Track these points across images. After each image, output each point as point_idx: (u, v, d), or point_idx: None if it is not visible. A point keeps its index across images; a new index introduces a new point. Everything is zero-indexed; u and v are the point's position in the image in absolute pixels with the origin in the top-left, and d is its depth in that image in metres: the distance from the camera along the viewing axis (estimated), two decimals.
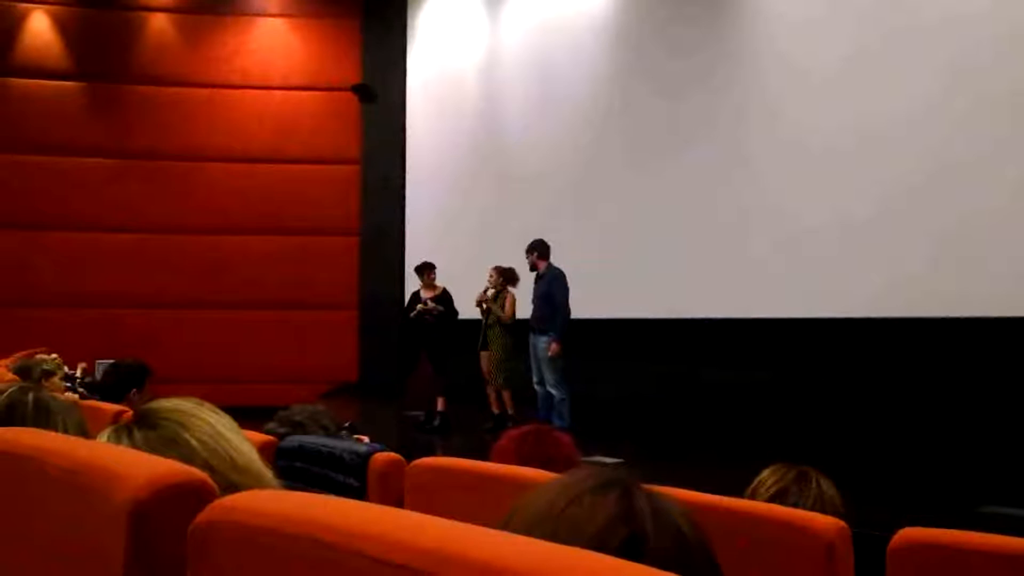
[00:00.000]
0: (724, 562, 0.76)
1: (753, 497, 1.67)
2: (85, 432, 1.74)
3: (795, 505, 1.62)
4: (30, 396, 1.81)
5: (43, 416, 1.75)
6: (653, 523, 0.70)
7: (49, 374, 4.05)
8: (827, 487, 1.71)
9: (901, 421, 6.12)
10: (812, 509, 1.59)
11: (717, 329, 7.60)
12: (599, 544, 0.66)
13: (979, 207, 5.96)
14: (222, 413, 1.13)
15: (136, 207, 11.12)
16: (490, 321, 7.68)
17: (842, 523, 1.35)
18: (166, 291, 11.12)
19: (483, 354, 7.78)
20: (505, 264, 7.78)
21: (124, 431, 1.09)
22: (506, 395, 7.63)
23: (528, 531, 0.69)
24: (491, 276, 7.69)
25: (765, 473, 1.75)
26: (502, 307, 7.61)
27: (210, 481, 0.77)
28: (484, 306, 7.70)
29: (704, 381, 7.54)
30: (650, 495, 0.72)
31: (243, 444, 1.10)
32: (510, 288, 7.69)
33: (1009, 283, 5.81)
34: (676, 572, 0.56)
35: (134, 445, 1.05)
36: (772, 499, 1.66)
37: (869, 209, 6.57)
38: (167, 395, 1.22)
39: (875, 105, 6.59)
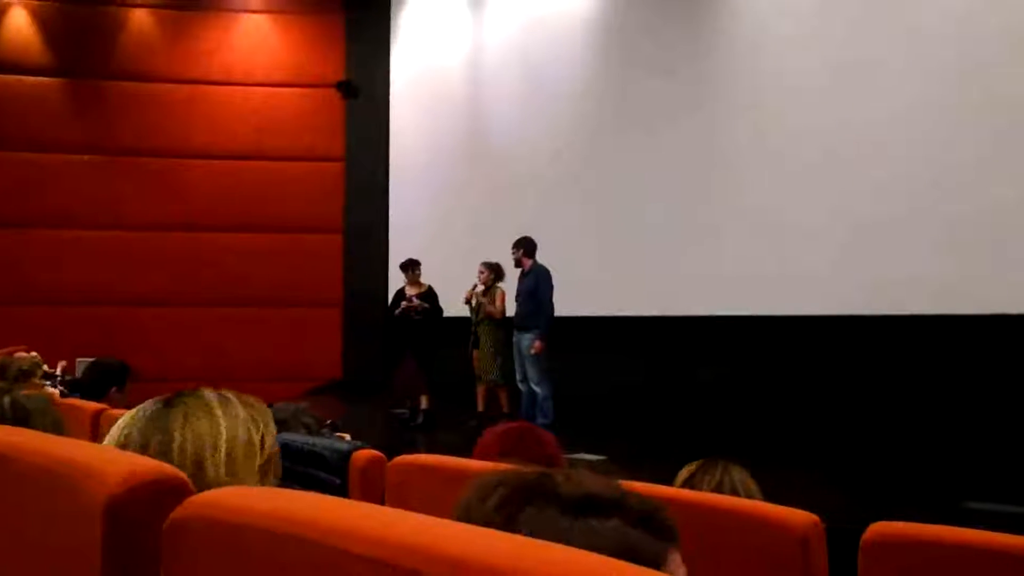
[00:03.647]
0: (699, 557, 0.77)
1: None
2: (61, 431, 1.74)
3: (692, 488, 1.78)
4: (6, 400, 1.80)
5: (21, 417, 1.75)
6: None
7: (27, 374, 4.02)
8: (736, 473, 1.83)
9: (888, 417, 6.17)
10: (713, 491, 1.74)
11: (705, 326, 7.63)
12: None
13: (976, 208, 5.99)
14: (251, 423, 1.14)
15: (117, 204, 11.04)
16: (479, 318, 7.66)
17: (815, 518, 1.37)
18: (148, 288, 11.05)
19: (476, 353, 7.75)
20: (491, 260, 7.77)
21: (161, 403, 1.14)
22: (502, 393, 7.59)
23: None
24: (481, 272, 7.67)
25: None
26: (492, 303, 7.59)
27: (185, 478, 0.77)
28: (472, 303, 7.68)
29: (690, 378, 7.57)
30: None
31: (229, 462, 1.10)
32: (499, 284, 7.68)
33: (997, 280, 5.86)
34: None
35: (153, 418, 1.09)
36: (683, 486, 1.82)
37: (861, 208, 6.60)
38: (150, 393, 1.23)
39: (871, 102, 6.61)
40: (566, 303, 7.24)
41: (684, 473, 1.88)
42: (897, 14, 6.51)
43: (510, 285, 7.55)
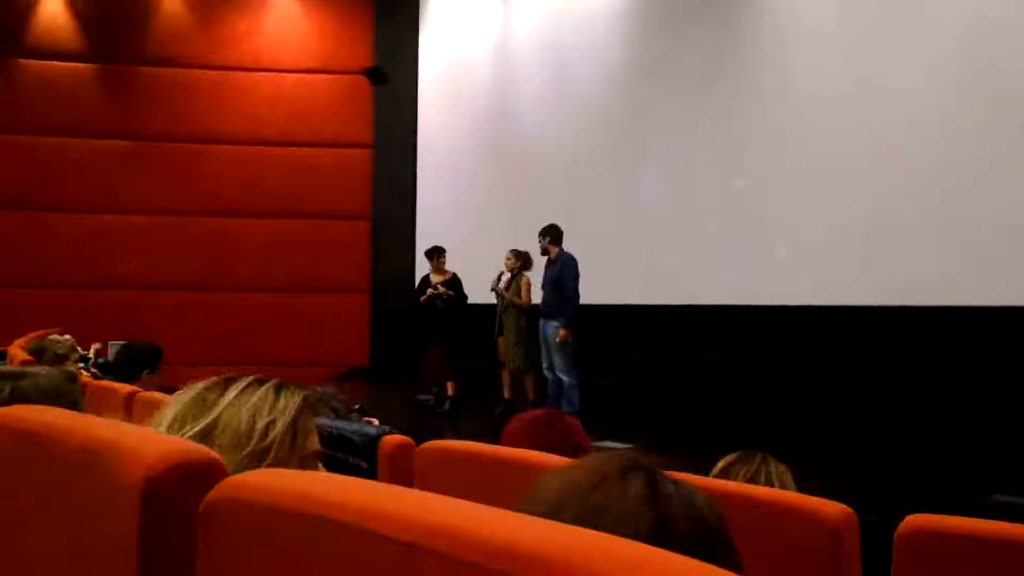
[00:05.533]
0: None
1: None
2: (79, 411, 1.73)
3: (726, 477, 1.79)
4: (7, 389, 1.78)
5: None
6: (680, 507, 0.70)
7: (63, 357, 4.08)
8: (773, 466, 1.84)
9: (912, 409, 6.11)
10: (747, 482, 1.74)
11: (729, 316, 7.58)
12: (627, 527, 0.67)
13: (989, 206, 5.90)
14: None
15: (148, 189, 11.16)
16: (505, 305, 7.67)
17: (849, 509, 1.36)
18: (177, 274, 11.18)
19: (501, 339, 7.77)
20: (518, 247, 7.77)
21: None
22: (528, 381, 7.60)
23: (551, 513, 0.69)
24: (508, 259, 7.67)
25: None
26: (518, 291, 7.60)
27: (220, 459, 0.78)
28: (498, 290, 7.69)
29: (716, 368, 7.53)
30: (674, 480, 0.73)
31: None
32: (525, 272, 7.68)
33: (1016, 273, 5.77)
34: (700, 555, 0.56)
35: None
36: (717, 476, 1.82)
37: (876, 201, 6.53)
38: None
39: (886, 99, 6.53)
40: (590, 292, 7.22)
41: (722, 463, 1.87)
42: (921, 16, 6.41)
43: (537, 273, 7.55)
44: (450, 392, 8.01)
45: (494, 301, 7.86)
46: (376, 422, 2.57)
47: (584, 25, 9.20)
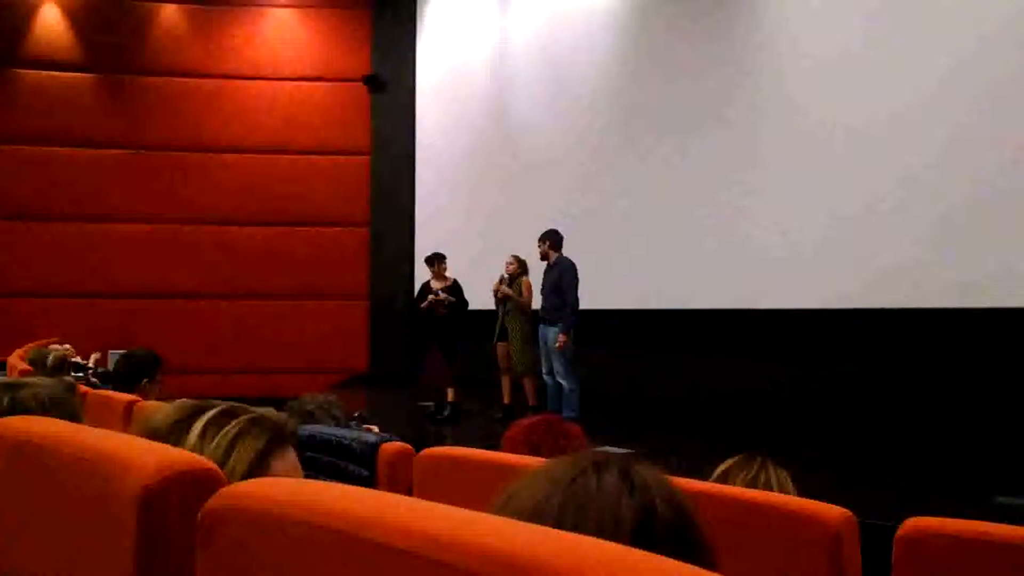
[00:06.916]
0: (732, 550, 0.76)
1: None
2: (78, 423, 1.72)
3: (725, 482, 1.78)
4: (6, 400, 1.78)
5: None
6: (658, 496, 0.71)
7: (62, 364, 4.07)
8: (772, 471, 1.84)
9: (913, 411, 6.10)
10: (747, 486, 1.73)
11: (732, 319, 7.58)
12: (611, 518, 0.67)
13: (987, 200, 5.91)
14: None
15: (147, 198, 11.18)
16: (508, 309, 7.67)
17: (849, 512, 1.35)
18: (176, 281, 11.18)
19: (500, 345, 7.77)
20: (520, 255, 7.78)
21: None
22: (528, 384, 7.59)
23: (534, 508, 0.69)
24: (510, 264, 7.70)
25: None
26: (520, 291, 7.60)
27: (218, 469, 0.78)
28: (499, 294, 7.69)
29: (717, 371, 7.53)
30: (646, 469, 0.73)
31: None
32: (524, 276, 7.69)
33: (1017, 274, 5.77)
34: (683, 542, 0.55)
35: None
36: (716, 480, 1.81)
37: (883, 200, 6.53)
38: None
39: (886, 93, 6.54)
40: (589, 297, 7.22)
41: (721, 467, 1.88)
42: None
43: (537, 279, 7.55)
44: (451, 398, 8.00)
45: (494, 307, 7.85)
46: (376, 429, 2.57)
47: (581, 30, 9.22)
